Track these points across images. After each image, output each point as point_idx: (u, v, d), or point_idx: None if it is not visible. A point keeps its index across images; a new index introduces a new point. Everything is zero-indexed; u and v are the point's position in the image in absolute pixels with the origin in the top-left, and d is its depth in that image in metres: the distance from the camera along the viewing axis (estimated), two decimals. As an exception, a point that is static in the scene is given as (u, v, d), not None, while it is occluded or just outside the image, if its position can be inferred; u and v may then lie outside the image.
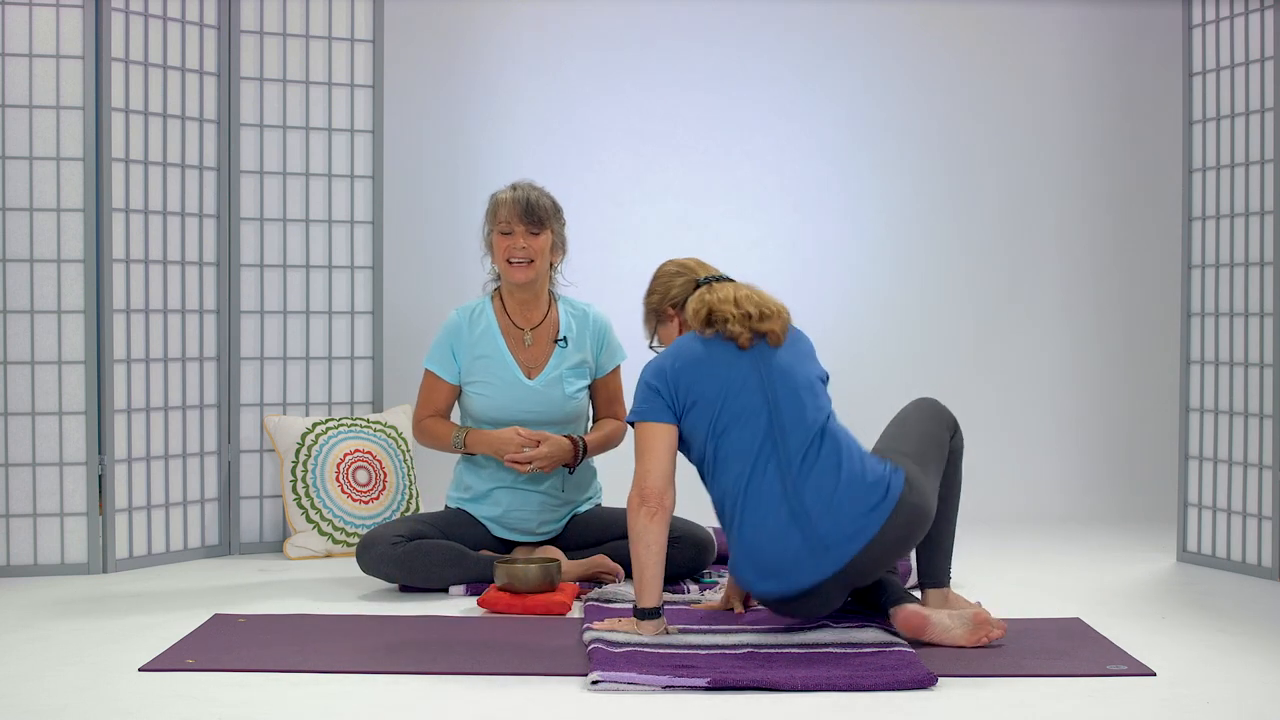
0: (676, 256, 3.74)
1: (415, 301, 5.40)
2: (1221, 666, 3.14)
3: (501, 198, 4.09)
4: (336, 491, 4.53)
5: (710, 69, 5.69)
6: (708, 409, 3.30)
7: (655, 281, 3.66)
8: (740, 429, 3.26)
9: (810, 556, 3.16)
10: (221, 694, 2.87)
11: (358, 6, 4.79)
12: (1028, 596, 3.93)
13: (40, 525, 4.24)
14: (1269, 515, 4.22)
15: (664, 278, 3.64)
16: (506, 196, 4.08)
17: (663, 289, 3.62)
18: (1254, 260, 4.30)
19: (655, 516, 3.23)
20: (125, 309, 4.34)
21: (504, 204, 4.07)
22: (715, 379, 3.31)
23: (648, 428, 3.32)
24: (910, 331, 5.77)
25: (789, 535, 3.18)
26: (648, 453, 3.30)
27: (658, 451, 3.29)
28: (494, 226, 4.08)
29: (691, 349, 3.37)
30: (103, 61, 4.26)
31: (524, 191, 4.08)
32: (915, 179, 5.77)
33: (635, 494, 3.27)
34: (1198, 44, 4.51)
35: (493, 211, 4.09)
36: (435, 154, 5.57)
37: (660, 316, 3.62)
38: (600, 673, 2.93)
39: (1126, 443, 5.76)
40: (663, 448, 3.30)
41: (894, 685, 2.91)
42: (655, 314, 3.63)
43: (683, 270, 3.62)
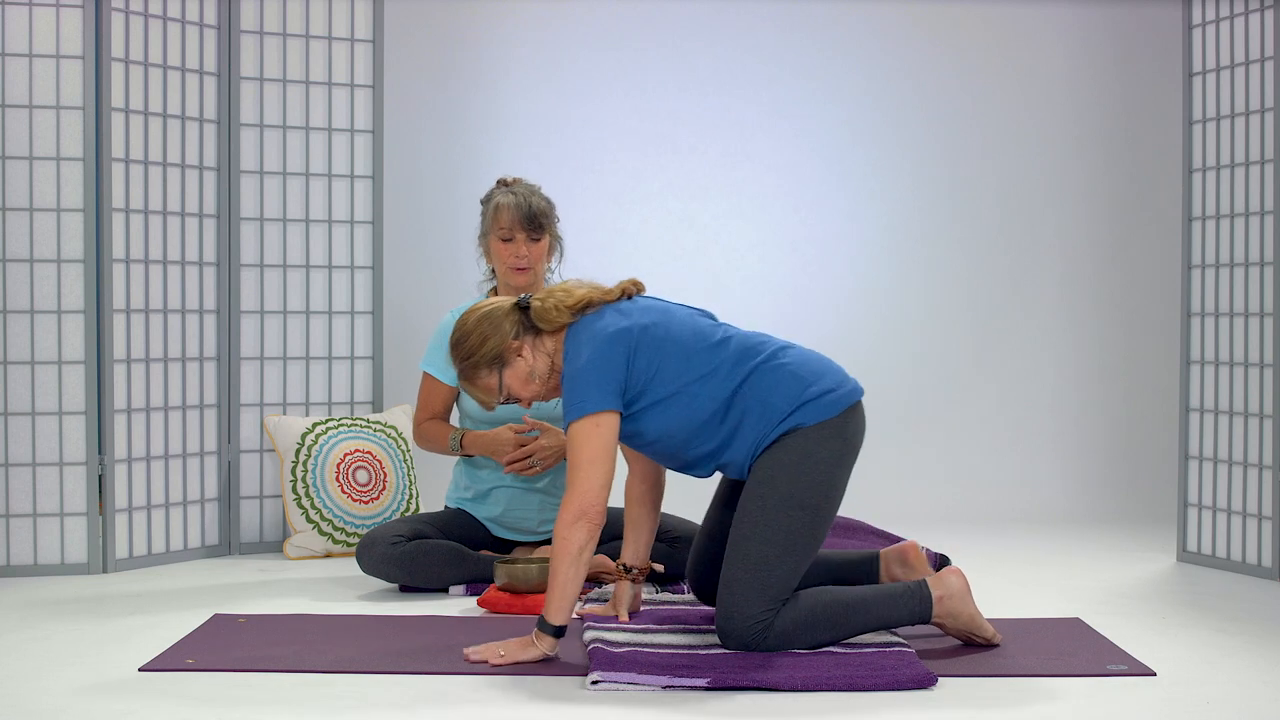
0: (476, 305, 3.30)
1: (415, 301, 5.41)
2: (1221, 666, 3.14)
3: (502, 202, 4.05)
4: (336, 491, 4.53)
5: (710, 69, 5.70)
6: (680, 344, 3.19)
7: (474, 335, 3.18)
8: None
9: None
10: (221, 694, 2.87)
11: (358, 6, 4.79)
12: (1028, 596, 3.93)
13: (40, 525, 4.24)
14: (1269, 515, 4.22)
15: (485, 323, 3.18)
16: (507, 202, 4.04)
17: (493, 331, 3.17)
18: (1254, 260, 4.30)
19: (593, 532, 3.06)
20: (125, 309, 4.34)
21: (505, 210, 4.03)
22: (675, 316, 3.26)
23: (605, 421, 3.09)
24: (910, 331, 5.77)
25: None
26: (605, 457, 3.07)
27: (612, 453, 3.10)
28: (494, 232, 4.06)
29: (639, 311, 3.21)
30: (103, 61, 4.26)
31: (523, 196, 4.04)
32: (915, 179, 5.77)
33: (576, 507, 3.03)
34: (1198, 44, 4.51)
35: (493, 216, 4.06)
36: (435, 154, 5.57)
37: (504, 360, 3.18)
38: (600, 673, 2.93)
39: (1126, 443, 5.76)
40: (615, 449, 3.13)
41: (894, 685, 2.91)
42: (497, 360, 3.17)
43: (492, 309, 3.21)
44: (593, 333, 3.16)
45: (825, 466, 3.17)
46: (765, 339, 3.29)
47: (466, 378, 3.22)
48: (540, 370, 3.20)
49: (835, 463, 3.19)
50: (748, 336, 3.29)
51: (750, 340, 3.27)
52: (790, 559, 3.11)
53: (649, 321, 3.19)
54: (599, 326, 3.16)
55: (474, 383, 3.22)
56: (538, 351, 3.21)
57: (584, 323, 3.19)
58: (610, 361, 3.11)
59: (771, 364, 3.21)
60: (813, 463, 3.15)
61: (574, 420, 3.08)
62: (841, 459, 3.21)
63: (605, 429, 3.08)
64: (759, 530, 3.12)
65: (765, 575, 3.08)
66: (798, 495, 3.14)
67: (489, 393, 3.23)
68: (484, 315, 3.20)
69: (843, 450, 3.21)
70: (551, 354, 3.21)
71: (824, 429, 3.17)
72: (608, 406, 3.09)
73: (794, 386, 3.19)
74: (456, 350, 3.21)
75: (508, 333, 3.18)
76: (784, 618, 3.08)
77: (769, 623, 3.07)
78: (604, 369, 3.10)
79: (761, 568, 3.09)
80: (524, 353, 3.19)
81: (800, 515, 3.13)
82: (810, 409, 3.18)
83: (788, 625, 3.08)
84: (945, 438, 5.73)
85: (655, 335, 3.17)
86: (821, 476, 3.16)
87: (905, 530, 4.60)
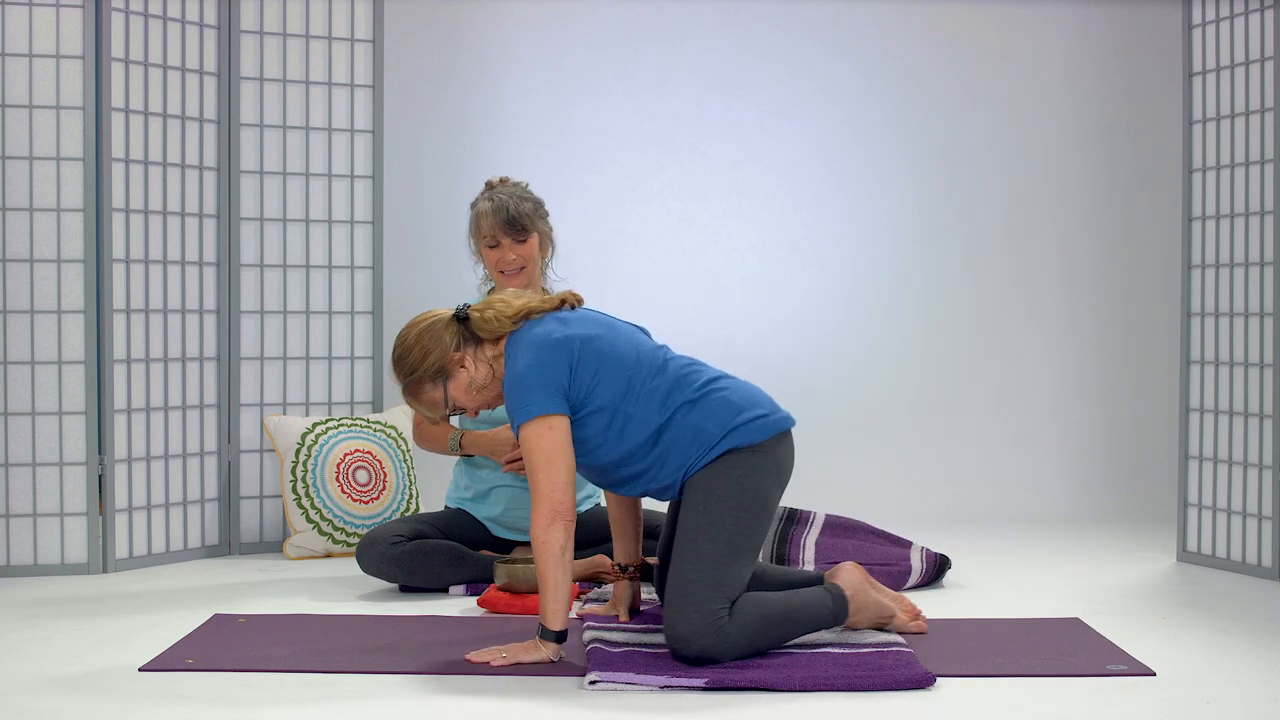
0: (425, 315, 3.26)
1: (415, 301, 5.38)
2: (1221, 666, 3.14)
3: (481, 209, 4.02)
4: (336, 491, 4.53)
5: (710, 69, 5.70)
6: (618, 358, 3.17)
7: (415, 350, 3.16)
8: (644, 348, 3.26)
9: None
10: (221, 694, 2.88)
11: (358, 6, 4.79)
12: (1028, 596, 3.93)
13: (40, 525, 4.24)
14: (1269, 515, 4.22)
15: (426, 337, 3.16)
16: (486, 208, 4.01)
17: (434, 344, 3.15)
18: (1254, 260, 4.30)
19: (570, 529, 3.06)
20: (125, 309, 4.34)
21: (485, 217, 4.00)
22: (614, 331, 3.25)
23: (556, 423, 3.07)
24: (910, 332, 5.77)
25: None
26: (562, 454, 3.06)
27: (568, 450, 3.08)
28: (479, 241, 4.05)
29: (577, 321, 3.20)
30: (103, 61, 4.26)
31: (502, 200, 4.00)
32: (915, 179, 5.77)
33: (547, 509, 3.02)
34: (1198, 44, 4.51)
35: (475, 226, 4.04)
36: (435, 154, 5.57)
37: (447, 373, 3.16)
38: (598, 673, 2.93)
39: (1126, 443, 5.76)
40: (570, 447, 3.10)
41: (892, 685, 2.91)
42: (441, 374, 3.16)
43: (432, 323, 3.19)
44: (532, 338, 3.14)
45: (759, 477, 3.16)
46: (701, 368, 3.27)
47: (411, 394, 3.20)
48: (481, 380, 3.19)
49: (768, 479, 3.18)
50: (685, 365, 3.26)
51: (687, 369, 3.25)
52: (738, 561, 3.10)
53: (592, 334, 3.17)
54: (540, 333, 3.15)
55: (419, 398, 3.20)
56: (479, 361, 3.19)
57: (524, 329, 3.18)
58: (552, 368, 3.09)
59: (706, 393, 3.20)
60: (748, 472, 3.15)
61: (523, 423, 3.06)
62: (775, 476, 3.21)
63: (557, 429, 3.07)
64: (705, 530, 3.10)
65: (718, 575, 3.06)
66: (737, 497, 3.13)
67: (434, 407, 3.22)
68: (423, 330, 3.18)
69: (775, 470, 3.21)
70: (492, 362, 3.20)
71: (756, 450, 3.17)
72: (555, 409, 3.07)
73: (726, 412, 3.18)
74: (399, 367, 3.20)
75: (449, 345, 3.16)
76: (736, 621, 3.04)
77: (724, 621, 3.02)
78: (547, 374, 3.09)
79: (714, 567, 3.06)
80: (466, 364, 3.18)
81: (743, 516, 3.12)
82: (741, 432, 3.17)
83: (736, 630, 3.03)
84: (945, 438, 5.73)
85: (598, 348, 3.15)
86: (757, 484, 3.15)
87: (905, 530, 4.60)
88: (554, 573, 3.03)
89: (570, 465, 3.07)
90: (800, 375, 5.71)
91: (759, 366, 5.67)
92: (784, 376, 5.69)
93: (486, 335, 3.18)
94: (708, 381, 3.23)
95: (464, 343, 3.18)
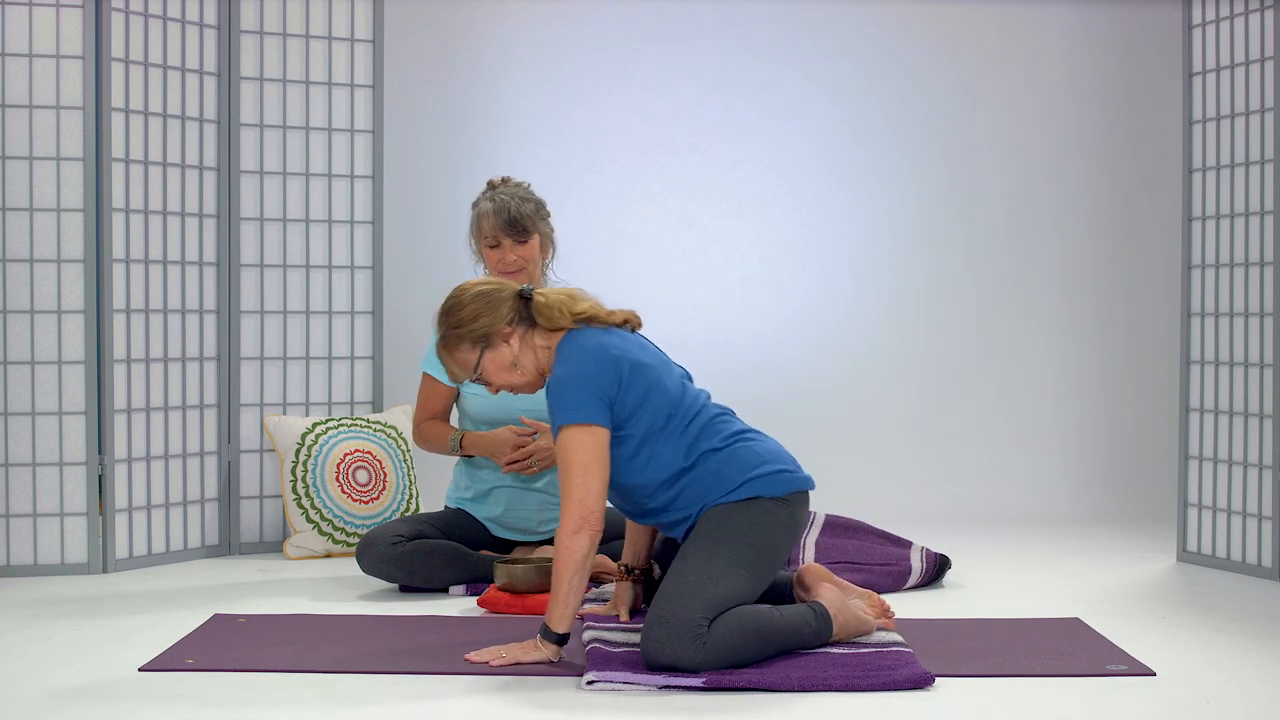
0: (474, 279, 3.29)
1: (415, 301, 5.40)
2: (1221, 666, 3.14)
3: (483, 209, 4.03)
4: (336, 491, 4.53)
5: (710, 69, 5.70)
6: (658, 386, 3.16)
7: (469, 308, 3.15)
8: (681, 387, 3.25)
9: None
10: (221, 694, 2.87)
11: (358, 6, 4.79)
12: (1028, 596, 3.93)
13: (40, 525, 4.24)
14: (1269, 515, 4.22)
15: (483, 300, 3.15)
16: (487, 209, 4.02)
17: (488, 310, 3.14)
18: (1254, 260, 4.30)
19: (595, 539, 3.04)
20: (125, 309, 4.34)
21: (486, 217, 4.01)
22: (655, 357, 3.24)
23: (599, 432, 3.06)
24: (910, 332, 5.77)
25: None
26: (601, 463, 3.04)
27: (606, 460, 3.06)
28: (480, 241, 4.06)
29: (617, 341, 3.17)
30: (103, 61, 4.26)
31: (504, 200, 4.01)
32: (915, 179, 5.77)
33: (577, 515, 2.99)
34: (1198, 44, 4.51)
35: (476, 226, 4.05)
36: (435, 154, 5.57)
37: (490, 341, 3.15)
38: (595, 673, 2.93)
39: (1126, 443, 5.76)
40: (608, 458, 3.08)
41: (891, 685, 2.91)
42: (484, 340, 3.14)
43: (495, 289, 3.18)
44: (591, 344, 3.12)
45: (772, 525, 3.14)
46: (731, 420, 3.27)
47: (446, 346, 3.18)
48: (525, 363, 3.17)
49: (780, 532, 3.16)
50: (716, 414, 3.25)
51: (718, 418, 3.24)
52: (729, 581, 3.04)
53: (646, 361, 3.16)
54: (598, 342, 3.13)
55: (452, 354, 3.18)
56: (525, 344, 3.18)
57: (587, 333, 3.16)
58: (603, 379, 3.07)
59: (732, 443, 3.20)
60: (764, 516, 3.13)
61: (566, 425, 3.04)
62: (786, 531, 3.18)
63: (599, 438, 3.05)
64: (704, 551, 3.09)
65: (703, 589, 3.01)
66: (746, 534, 3.11)
67: (462, 368, 3.19)
68: (483, 292, 3.17)
69: (789, 524, 3.18)
70: (538, 349, 3.18)
71: (775, 500, 3.16)
72: (599, 420, 3.06)
73: (749, 461, 3.18)
74: (446, 317, 3.17)
75: (502, 317, 3.15)
76: (714, 633, 2.97)
77: (704, 631, 2.95)
78: (598, 384, 3.07)
79: (704, 582, 3.02)
80: (512, 341, 3.16)
81: (746, 550, 3.09)
82: (762, 482, 3.16)
83: (713, 640, 2.96)
84: (945, 438, 5.73)
85: (648, 378, 3.14)
86: (768, 528, 3.13)
87: (905, 530, 4.60)
88: (571, 579, 3.01)
89: (606, 476, 3.05)
90: (800, 375, 5.71)
91: (759, 366, 5.68)
92: (784, 376, 5.71)
93: (544, 322, 3.15)
94: (736, 432, 3.22)
95: (518, 320, 3.16)
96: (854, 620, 3.24)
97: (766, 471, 3.17)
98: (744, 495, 3.14)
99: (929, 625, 3.49)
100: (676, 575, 3.06)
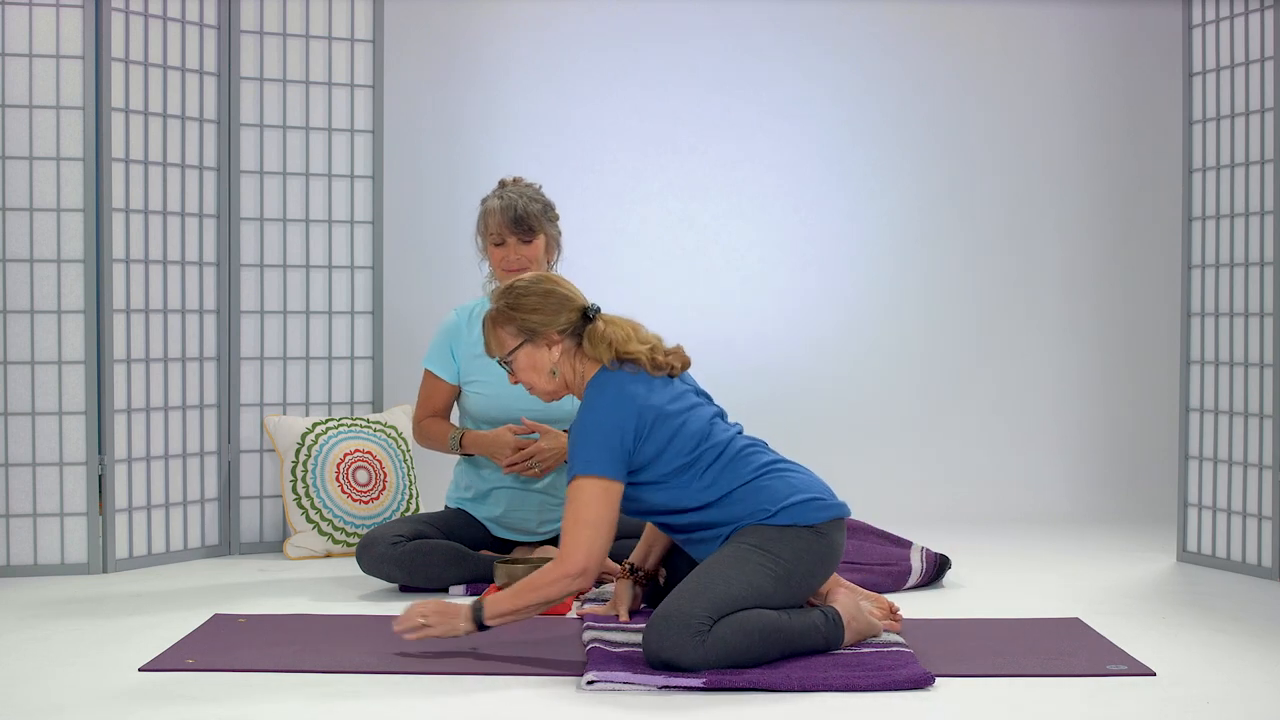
0: (553, 275, 3.32)
1: (415, 301, 5.41)
2: (1221, 666, 3.14)
3: (490, 206, 4.04)
4: (336, 491, 4.53)
5: (710, 69, 5.70)
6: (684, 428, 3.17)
7: (533, 299, 3.20)
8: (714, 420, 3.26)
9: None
10: (221, 694, 2.88)
11: (358, 6, 4.79)
12: (1028, 596, 3.93)
13: (40, 525, 4.24)
14: (1269, 515, 4.22)
15: (552, 299, 3.20)
16: (494, 205, 4.02)
17: (550, 310, 3.19)
18: (1254, 260, 4.30)
19: (581, 592, 3.08)
20: (125, 309, 4.34)
21: (492, 214, 4.02)
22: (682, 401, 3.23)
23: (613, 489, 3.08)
24: (911, 332, 5.77)
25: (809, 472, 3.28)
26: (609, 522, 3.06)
27: (614, 520, 3.09)
28: (486, 238, 4.05)
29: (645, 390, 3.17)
30: (103, 61, 4.26)
31: (512, 199, 4.01)
32: (915, 179, 5.77)
33: (577, 567, 3.02)
34: (1198, 44, 4.51)
35: (483, 222, 4.05)
36: (435, 154, 5.57)
37: (534, 338, 3.19)
38: (596, 672, 2.93)
39: (1126, 443, 5.76)
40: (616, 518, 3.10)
41: (891, 685, 2.91)
42: (531, 333, 3.19)
43: (566, 295, 3.23)
44: (615, 389, 3.14)
45: (805, 547, 3.12)
46: (761, 451, 3.25)
47: (494, 320, 3.22)
48: (562, 374, 3.22)
49: (815, 556, 3.13)
50: (745, 448, 3.23)
51: (747, 451, 3.23)
52: (742, 586, 3.02)
53: (672, 411, 3.16)
54: (630, 391, 3.14)
55: (496, 329, 3.22)
56: (566, 358, 3.21)
57: (618, 378, 3.16)
58: (625, 432, 3.10)
59: (764, 473, 3.19)
60: (795, 538, 3.12)
61: (583, 476, 3.06)
62: (822, 558, 3.15)
63: (612, 495, 3.08)
64: (724, 558, 3.09)
65: (712, 589, 3.00)
66: (773, 550, 3.10)
67: (499, 345, 3.24)
68: (554, 291, 3.22)
69: (825, 554, 3.16)
70: (575, 367, 3.21)
71: (807, 529, 3.14)
72: (616, 476, 3.08)
73: (781, 491, 3.17)
74: (507, 294, 3.22)
75: (559, 323, 3.19)
76: (716, 632, 2.96)
77: (705, 629, 2.94)
78: (619, 436, 3.09)
79: (713, 585, 3.01)
80: (554, 349, 3.20)
81: (770, 561, 3.08)
82: (793, 511, 3.15)
83: (712, 638, 2.95)
84: (946, 438, 5.73)
85: (672, 426, 3.15)
86: (801, 551, 3.11)
87: (905, 530, 4.60)
88: (534, 605, 3.09)
89: (610, 538, 3.07)
90: (800, 375, 5.71)
91: (759, 366, 5.68)
92: (784, 376, 5.71)
93: (588, 349, 3.19)
94: (767, 464, 3.21)
95: (571, 335, 3.20)
96: (865, 626, 3.23)
97: (798, 500, 3.15)
98: (780, 523, 3.13)
99: (929, 625, 3.49)
100: (693, 577, 3.06)
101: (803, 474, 3.25)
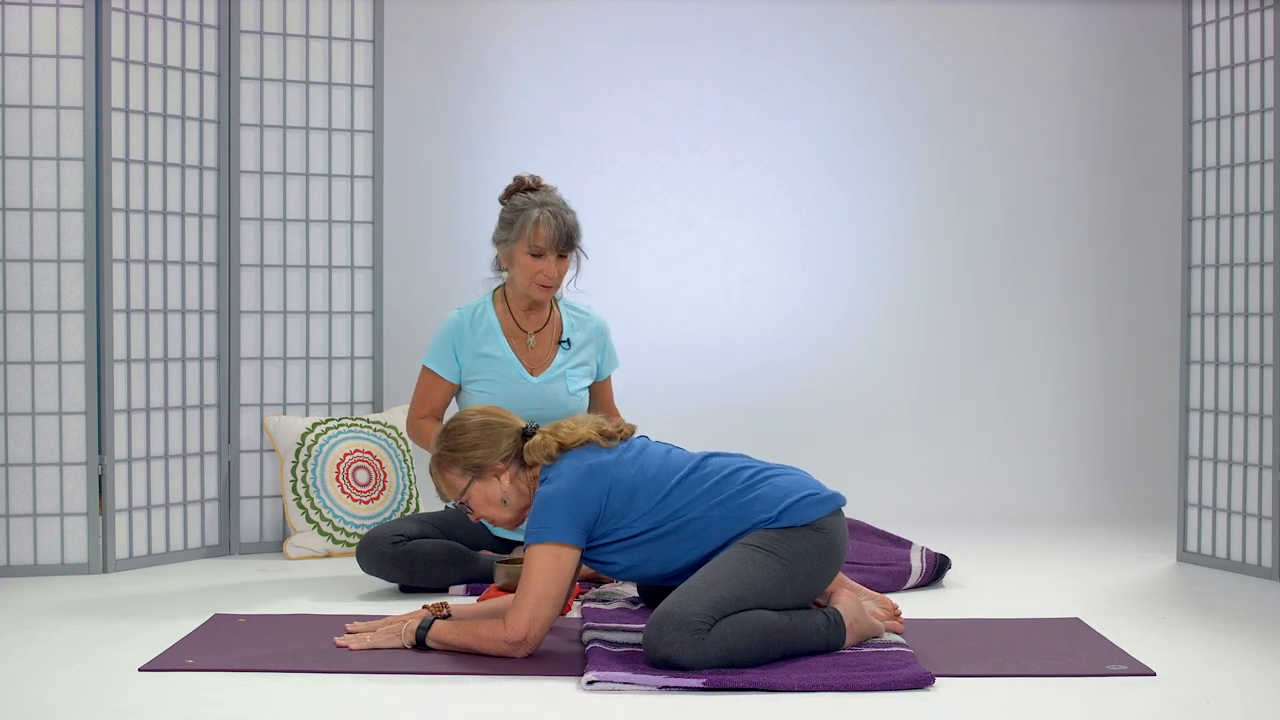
0: (484, 408, 3.32)
1: (415, 301, 5.41)
2: (1221, 666, 3.14)
3: (540, 218, 3.98)
4: (336, 491, 4.53)
5: (710, 69, 5.70)
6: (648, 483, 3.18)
7: (469, 436, 3.21)
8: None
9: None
10: (221, 694, 2.88)
11: (358, 6, 4.79)
12: (1028, 596, 3.93)
13: (40, 525, 4.24)
14: (1269, 515, 4.22)
15: (486, 432, 3.21)
16: (544, 218, 3.98)
17: (488, 442, 3.20)
18: (1254, 260, 4.30)
19: (523, 655, 3.10)
20: (125, 309, 4.34)
21: (543, 228, 3.98)
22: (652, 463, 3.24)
23: (565, 555, 3.09)
24: (910, 331, 5.77)
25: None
26: (559, 593, 3.08)
27: (564, 589, 3.10)
28: (525, 246, 4.02)
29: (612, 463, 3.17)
30: (103, 61, 4.26)
31: (559, 214, 3.99)
32: (915, 179, 5.77)
33: (522, 632, 3.05)
34: (1198, 44, 4.51)
35: (530, 231, 3.99)
36: (435, 154, 5.57)
37: (481, 473, 3.21)
38: (596, 673, 2.93)
39: (1126, 443, 5.76)
40: (568, 586, 3.12)
41: (891, 685, 2.91)
42: (475, 470, 3.20)
43: (501, 423, 3.24)
44: (574, 464, 3.14)
45: (808, 546, 3.13)
46: (746, 466, 3.24)
47: (439, 466, 3.24)
48: (513, 500, 3.22)
49: (818, 553, 3.14)
50: (727, 462, 3.23)
51: (729, 467, 3.22)
52: (743, 587, 3.03)
53: (632, 475, 3.16)
54: (580, 465, 3.14)
55: (443, 474, 3.25)
56: (517, 482, 3.22)
57: (580, 453, 3.18)
58: (585, 497, 3.11)
59: (750, 485, 3.18)
60: (798, 539, 3.12)
61: (536, 544, 3.08)
62: (825, 553, 3.15)
63: (565, 563, 3.08)
64: (728, 558, 3.09)
65: (713, 589, 3.01)
66: (777, 551, 3.10)
67: (449, 490, 3.26)
68: (488, 423, 3.23)
69: (830, 549, 3.16)
70: (527, 485, 3.23)
71: (806, 527, 3.14)
72: (571, 540, 3.08)
73: (772, 497, 3.17)
74: (446, 438, 3.23)
75: (500, 452, 3.20)
76: (715, 631, 2.97)
77: (704, 628, 2.95)
78: (578, 502, 3.10)
79: (714, 584, 3.02)
80: (502, 477, 3.21)
81: (767, 561, 3.08)
82: (792, 511, 3.15)
83: (712, 637, 2.96)
84: (946, 438, 5.73)
85: (632, 485, 3.15)
86: (804, 551, 3.12)
87: (905, 530, 4.60)
88: (469, 648, 3.11)
89: (559, 606, 3.10)
90: (800, 375, 5.71)
91: (759, 367, 5.68)
92: (784, 376, 5.71)
93: (529, 459, 3.20)
94: (755, 474, 3.21)
95: (514, 458, 3.21)
96: (868, 628, 3.24)
97: (791, 502, 3.15)
98: (779, 527, 3.13)
99: (929, 625, 3.50)
100: (695, 577, 3.07)
101: (789, 475, 3.25)
